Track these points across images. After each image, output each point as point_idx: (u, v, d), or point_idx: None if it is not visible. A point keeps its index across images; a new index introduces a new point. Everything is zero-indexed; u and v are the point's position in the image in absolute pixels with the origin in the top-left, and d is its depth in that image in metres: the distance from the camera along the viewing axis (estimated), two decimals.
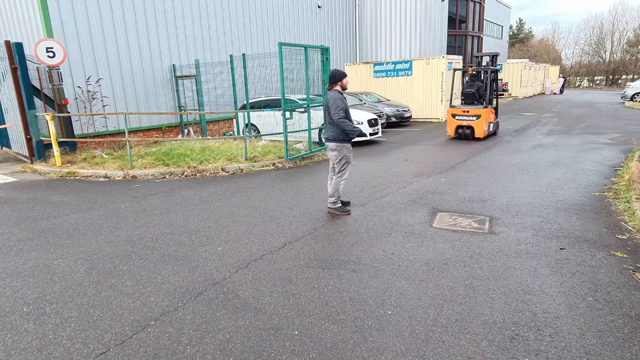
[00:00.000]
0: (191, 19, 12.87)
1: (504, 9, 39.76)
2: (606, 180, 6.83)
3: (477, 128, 11.51)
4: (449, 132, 12.08)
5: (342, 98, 5.25)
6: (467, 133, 11.68)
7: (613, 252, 4.06)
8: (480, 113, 11.38)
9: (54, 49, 8.80)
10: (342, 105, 5.16)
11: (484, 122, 11.45)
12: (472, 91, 11.69)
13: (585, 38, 63.03)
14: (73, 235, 4.89)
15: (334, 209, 5.51)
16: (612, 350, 2.61)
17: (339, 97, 5.21)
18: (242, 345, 2.74)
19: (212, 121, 13.90)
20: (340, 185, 5.46)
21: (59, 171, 8.37)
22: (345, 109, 5.19)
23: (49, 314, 3.17)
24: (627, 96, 24.30)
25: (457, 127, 11.81)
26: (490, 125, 11.88)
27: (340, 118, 5.11)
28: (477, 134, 11.54)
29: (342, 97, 5.26)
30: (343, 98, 5.26)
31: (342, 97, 5.26)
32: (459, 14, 24.16)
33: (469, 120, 11.54)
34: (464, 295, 3.32)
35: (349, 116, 5.26)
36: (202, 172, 8.23)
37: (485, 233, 4.68)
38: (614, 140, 11.04)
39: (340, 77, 5.29)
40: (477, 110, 11.41)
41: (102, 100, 10.68)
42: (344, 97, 5.30)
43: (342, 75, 5.32)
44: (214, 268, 3.92)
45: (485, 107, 11.52)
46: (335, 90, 5.30)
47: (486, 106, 11.60)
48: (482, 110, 11.41)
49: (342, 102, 5.18)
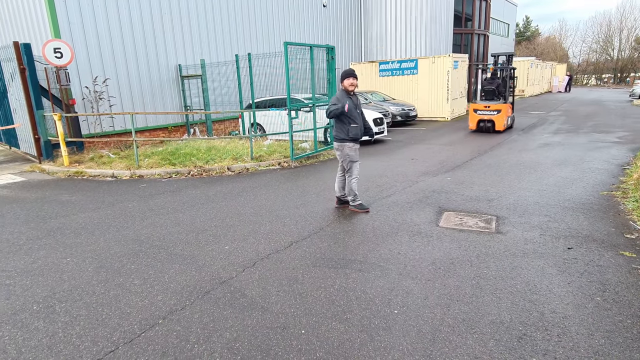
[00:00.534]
0: (197, 19, 12.91)
1: (510, 6, 39.47)
2: (614, 179, 6.77)
3: (497, 122, 12.54)
4: (471, 126, 13.01)
5: (341, 97, 5.25)
6: (488, 126, 12.66)
7: (622, 251, 4.03)
8: (501, 108, 12.44)
9: (61, 50, 8.87)
10: (335, 103, 5.17)
11: (504, 117, 12.49)
12: (492, 88, 12.74)
13: (593, 36, 62.47)
14: (81, 235, 4.94)
15: (354, 207, 5.57)
16: (621, 351, 2.59)
17: (338, 96, 5.29)
18: (249, 344, 2.75)
19: (217, 121, 13.95)
20: (353, 183, 5.50)
21: (67, 171, 8.45)
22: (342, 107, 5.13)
23: (59, 312, 3.21)
24: (635, 94, 24.06)
25: (478, 121, 12.80)
26: (508, 119, 13.00)
27: (327, 115, 5.24)
28: (497, 127, 12.53)
29: (343, 97, 5.26)
30: (344, 97, 5.25)
31: (343, 96, 5.27)
32: (464, 12, 24.02)
33: (490, 115, 12.56)
34: (470, 294, 3.31)
35: (351, 115, 5.25)
36: (208, 172, 8.26)
37: (492, 232, 4.66)
38: (622, 139, 10.93)
39: (342, 79, 5.32)
40: (497, 106, 12.50)
41: (109, 100, 10.75)
42: (349, 97, 5.30)
43: (344, 76, 5.30)
44: (220, 267, 3.94)
45: (505, 103, 12.64)
46: (341, 90, 5.36)
47: (505, 102, 12.70)
48: (502, 106, 12.47)
49: (338, 101, 5.20)
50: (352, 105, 5.29)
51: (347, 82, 5.26)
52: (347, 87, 5.28)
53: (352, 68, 5.45)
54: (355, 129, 5.32)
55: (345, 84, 5.28)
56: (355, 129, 5.32)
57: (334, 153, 9.87)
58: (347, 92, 5.32)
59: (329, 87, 9.85)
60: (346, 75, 5.27)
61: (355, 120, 5.31)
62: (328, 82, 9.81)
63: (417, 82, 17.27)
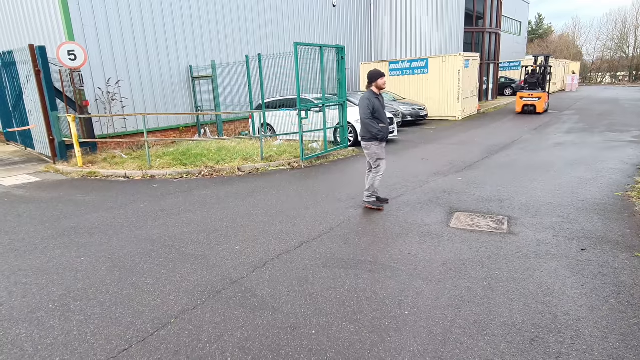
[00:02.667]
0: (207, 20, 13.01)
1: (522, 4, 38.98)
2: (630, 180, 6.65)
3: (538, 106, 17.07)
4: (517, 110, 17.53)
5: (371, 98, 5.37)
6: (531, 109, 17.19)
7: (637, 253, 3.97)
8: (541, 96, 17.02)
9: (75, 52, 9.01)
10: (369, 105, 5.32)
11: (543, 102, 17.06)
12: (534, 80, 17.47)
13: (608, 33, 61.22)
14: (95, 234, 5.01)
15: (369, 203, 5.65)
16: (636, 354, 2.55)
17: (367, 97, 5.38)
18: (260, 344, 2.77)
19: (228, 121, 14.03)
20: (376, 180, 5.61)
21: (81, 171, 8.58)
22: (373, 109, 5.33)
23: (74, 310, 3.27)
24: None
25: (523, 105, 17.30)
26: (546, 104, 17.43)
27: (366, 118, 5.35)
28: (538, 110, 17.07)
29: (372, 97, 5.38)
30: (373, 98, 5.37)
31: (372, 97, 5.38)
32: (475, 11, 23.78)
33: (532, 101, 17.12)
34: (482, 296, 3.29)
35: (380, 116, 5.39)
36: (218, 172, 8.32)
37: (503, 233, 4.62)
38: (637, 138, 10.74)
39: (375, 78, 5.42)
40: (538, 94, 17.07)
41: (122, 101, 10.89)
42: (376, 97, 5.42)
43: (377, 76, 5.42)
44: (231, 267, 3.97)
45: (543, 92, 17.21)
46: (370, 90, 5.46)
47: (544, 91, 17.30)
48: (542, 94, 17.05)
49: (370, 102, 5.33)
50: (380, 105, 5.43)
51: (381, 81, 5.41)
52: (381, 85, 5.42)
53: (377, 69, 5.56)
54: (384, 128, 5.47)
55: (379, 83, 5.40)
56: (384, 128, 5.47)
57: (344, 153, 9.92)
58: (374, 93, 5.43)
59: (339, 87, 9.84)
60: (378, 76, 5.41)
61: (383, 120, 5.46)
62: (338, 82, 9.81)
63: (428, 81, 17.16)
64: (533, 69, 17.78)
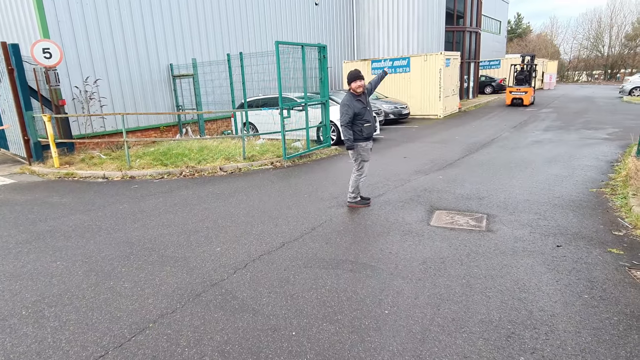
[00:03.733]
0: (188, 18, 12.83)
1: (501, 4, 39.62)
2: (603, 176, 6.84)
3: (525, 99, 20.09)
4: (507, 102, 20.46)
5: (351, 102, 5.26)
6: (519, 102, 20.13)
7: (609, 249, 4.08)
8: (527, 90, 20.09)
9: (50, 50, 8.77)
10: (347, 111, 5.24)
11: (529, 96, 20.11)
12: (522, 77, 20.43)
13: (584, 32, 63.00)
14: (71, 237, 4.90)
15: (354, 203, 5.70)
16: (608, 348, 2.63)
17: (347, 102, 5.28)
18: (240, 347, 2.75)
19: (210, 120, 13.89)
20: (360, 181, 5.65)
21: (57, 172, 8.37)
22: (354, 114, 5.25)
23: (48, 317, 3.19)
24: (625, 90, 24.29)
25: (512, 98, 20.25)
26: (532, 98, 20.37)
27: (342, 124, 5.33)
28: (525, 102, 20.05)
29: (352, 102, 5.26)
30: (353, 101, 5.27)
31: (352, 101, 5.27)
32: (456, 10, 24.06)
33: (520, 94, 20.14)
34: (460, 294, 3.34)
35: (362, 117, 5.33)
36: (200, 172, 8.23)
37: (482, 231, 4.69)
38: (611, 136, 11.05)
39: (349, 81, 5.33)
40: (525, 89, 20.13)
41: (100, 100, 10.66)
42: (357, 99, 5.31)
43: (351, 79, 5.29)
44: (212, 269, 3.94)
45: (530, 87, 20.22)
46: (349, 92, 5.38)
47: (530, 86, 20.29)
48: (528, 89, 20.12)
49: (349, 108, 5.24)
50: (362, 106, 5.34)
51: (355, 84, 5.28)
52: (354, 89, 5.31)
53: (358, 69, 5.46)
54: (369, 127, 5.47)
55: (352, 87, 5.30)
56: (369, 128, 5.46)
57: (327, 152, 9.92)
58: (354, 95, 5.34)
59: (321, 86, 9.84)
60: (353, 78, 5.29)
61: (367, 119, 5.42)
62: (320, 81, 9.80)
63: (410, 80, 17.31)
64: (521, 67, 20.59)
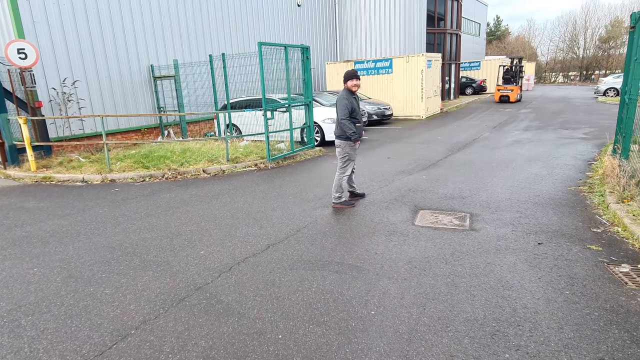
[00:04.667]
0: (169, 18, 12.65)
1: (480, 6, 40.36)
2: (581, 175, 7.01)
3: (511, 96, 22.60)
4: (495, 99, 23.07)
5: (349, 98, 5.38)
6: (506, 99, 22.60)
7: (588, 245, 4.18)
8: (513, 89, 22.58)
9: (25, 50, 8.52)
10: (347, 105, 5.33)
11: (515, 93, 22.62)
12: (509, 77, 22.65)
13: (560, 35, 64.58)
14: (49, 243, 4.76)
15: (338, 204, 5.70)
16: (589, 343, 2.68)
17: (345, 96, 5.39)
18: (225, 352, 2.71)
19: (192, 122, 13.71)
20: (343, 180, 5.69)
21: (34, 176, 8.13)
22: (352, 109, 5.35)
23: (24, 326, 3.08)
24: (600, 91, 24.99)
25: (500, 96, 22.75)
26: (518, 95, 22.88)
27: (343, 118, 5.35)
28: (511, 99, 22.54)
29: (350, 97, 5.39)
30: (350, 98, 5.39)
31: (349, 96, 5.40)
32: (437, 12, 24.39)
33: (507, 92, 22.63)
34: (446, 293, 3.36)
35: (356, 116, 5.43)
36: (182, 174, 8.11)
37: (466, 230, 4.75)
38: (588, 135, 11.34)
39: (346, 79, 5.44)
40: (511, 87, 22.58)
41: (79, 102, 10.41)
42: (353, 97, 5.44)
43: (348, 77, 5.42)
44: (196, 273, 3.87)
45: (516, 85, 22.70)
46: (345, 89, 5.47)
47: (516, 85, 22.72)
48: (514, 87, 22.62)
49: (348, 102, 5.34)
50: (357, 104, 5.48)
51: (351, 83, 5.41)
52: (350, 87, 5.43)
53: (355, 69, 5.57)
54: (360, 127, 5.53)
55: (349, 85, 5.42)
56: (359, 128, 5.51)
57: (311, 153, 9.91)
58: (351, 92, 5.46)
59: (304, 87, 9.82)
60: (350, 77, 5.42)
61: (360, 119, 5.52)
62: (304, 82, 9.79)
63: (392, 81, 17.44)
64: (508, 67, 22.99)
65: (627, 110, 6.17)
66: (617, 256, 3.91)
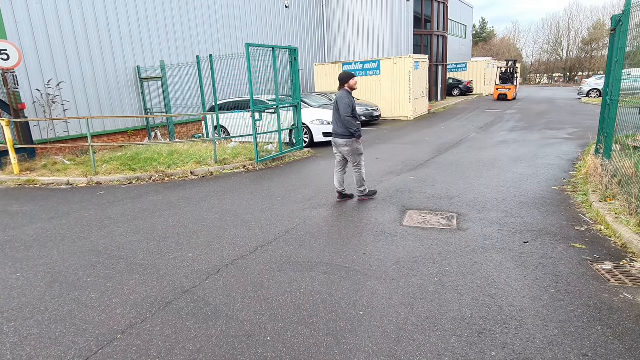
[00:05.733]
0: (155, 20, 12.54)
1: (467, 8, 40.86)
2: (565, 174, 7.13)
3: (509, 94, 25.38)
4: (494, 97, 26.01)
5: (350, 96, 5.68)
6: (504, 97, 25.40)
7: (573, 244, 4.25)
8: (510, 88, 25.44)
9: (8, 52, 8.37)
10: (349, 103, 5.61)
11: (512, 92, 25.51)
12: (506, 77, 25.55)
13: (544, 37, 65.77)
14: (33, 247, 4.67)
15: (364, 196, 6.11)
16: (573, 340, 2.73)
17: (347, 96, 5.67)
18: (213, 355, 2.69)
19: (180, 124, 13.61)
20: (362, 174, 6.01)
21: (17, 179, 7.98)
22: (353, 107, 5.65)
23: (7, 332, 3.02)
24: (583, 92, 25.47)
25: (499, 94, 25.56)
26: (514, 93, 25.89)
27: (347, 116, 5.60)
28: (509, 97, 25.35)
29: (350, 96, 5.69)
30: (350, 97, 5.69)
31: (349, 95, 5.70)
32: (424, 14, 24.62)
33: (505, 91, 25.45)
34: (433, 292, 3.39)
35: (356, 114, 5.73)
36: (170, 177, 8.04)
37: (453, 230, 4.79)
38: (572, 135, 11.55)
39: (347, 79, 5.75)
40: (508, 86, 25.47)
41: (63, 104, 10.25)
42: (352, 97, 5.73)
43: (348, 77, 5.75)
44: (183, 276, 3.84)
45: (513, 85, 25.66)
46: (344, 89, 5.76)
47: (513, 84, 25.69)
48: (511, 86, 25.50)
49: (350, 100, 5.64)
50: (355, 104, 5.80)
51: (353, 81, 5.76)
52: (353, 86, 5.78)
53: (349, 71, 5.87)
54: (359, 125, 5.80)
55: (350, 84, 5.75)
56: (359, 125, 5.79)
57: (300, 155, 9.91)
58: (349, 92, 5.76)
59: (292, 89, 9.82)
60: (350, 77, 5.76)
61: (358, 117, 5.83)
62: (292, 84, 9.78)
63: (380, 82, 17.53)
64: (505, 69, 25.78)
65: (609, 111, 6.30)
66: (600, 254, 3.99)
